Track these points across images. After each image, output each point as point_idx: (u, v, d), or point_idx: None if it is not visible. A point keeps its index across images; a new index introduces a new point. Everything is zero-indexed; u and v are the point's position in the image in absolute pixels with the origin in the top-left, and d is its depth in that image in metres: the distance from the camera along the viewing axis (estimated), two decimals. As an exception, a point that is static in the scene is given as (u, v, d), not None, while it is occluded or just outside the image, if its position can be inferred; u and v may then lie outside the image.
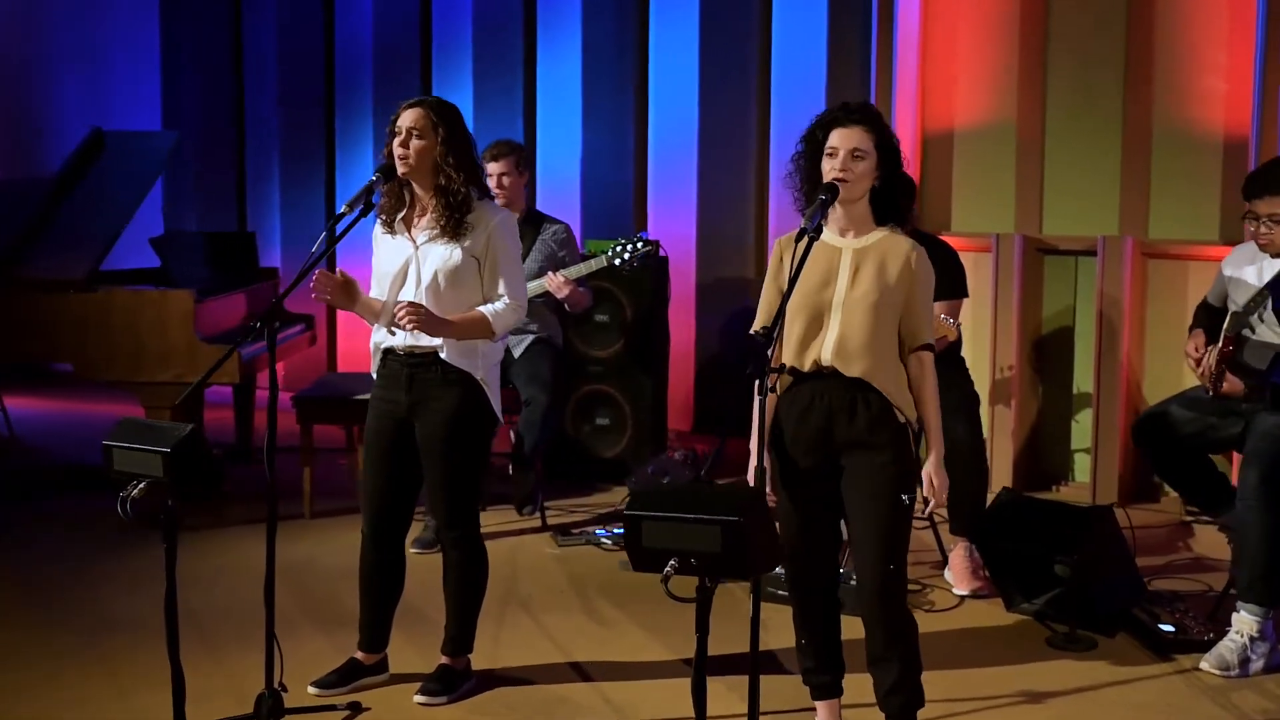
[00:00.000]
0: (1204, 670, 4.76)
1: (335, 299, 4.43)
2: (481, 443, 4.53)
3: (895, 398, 3.92)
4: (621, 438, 7.29)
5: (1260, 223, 4.97)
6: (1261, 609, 4.77)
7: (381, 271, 4.53)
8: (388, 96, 8.84)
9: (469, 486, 4.54)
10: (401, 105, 4.47)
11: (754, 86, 7.77)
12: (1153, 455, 5.30)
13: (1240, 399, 4.98)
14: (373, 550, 4.61)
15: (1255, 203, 4.97)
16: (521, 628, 5.21)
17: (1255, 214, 4.98)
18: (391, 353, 4.51)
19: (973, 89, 7.21)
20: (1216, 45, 6.74)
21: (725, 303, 7.94)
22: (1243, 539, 4.81)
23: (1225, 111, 6.75)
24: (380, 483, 4.54)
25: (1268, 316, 4.99)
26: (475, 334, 4.44)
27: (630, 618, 5.36)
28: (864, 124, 3.94)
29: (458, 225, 4.39)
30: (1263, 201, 4.95)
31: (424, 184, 4.44)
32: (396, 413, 4.50)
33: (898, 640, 3.94)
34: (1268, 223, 4.95)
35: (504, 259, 4.46)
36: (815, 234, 3.79)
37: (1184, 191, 6.85)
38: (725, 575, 3.23)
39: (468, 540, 4.57)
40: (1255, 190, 4.98)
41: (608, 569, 5.95)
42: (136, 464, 3.84)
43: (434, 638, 4.96)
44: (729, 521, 3.10)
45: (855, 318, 3.90)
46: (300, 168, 9.22)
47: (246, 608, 5.30)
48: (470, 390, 4.46)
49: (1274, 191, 4.94)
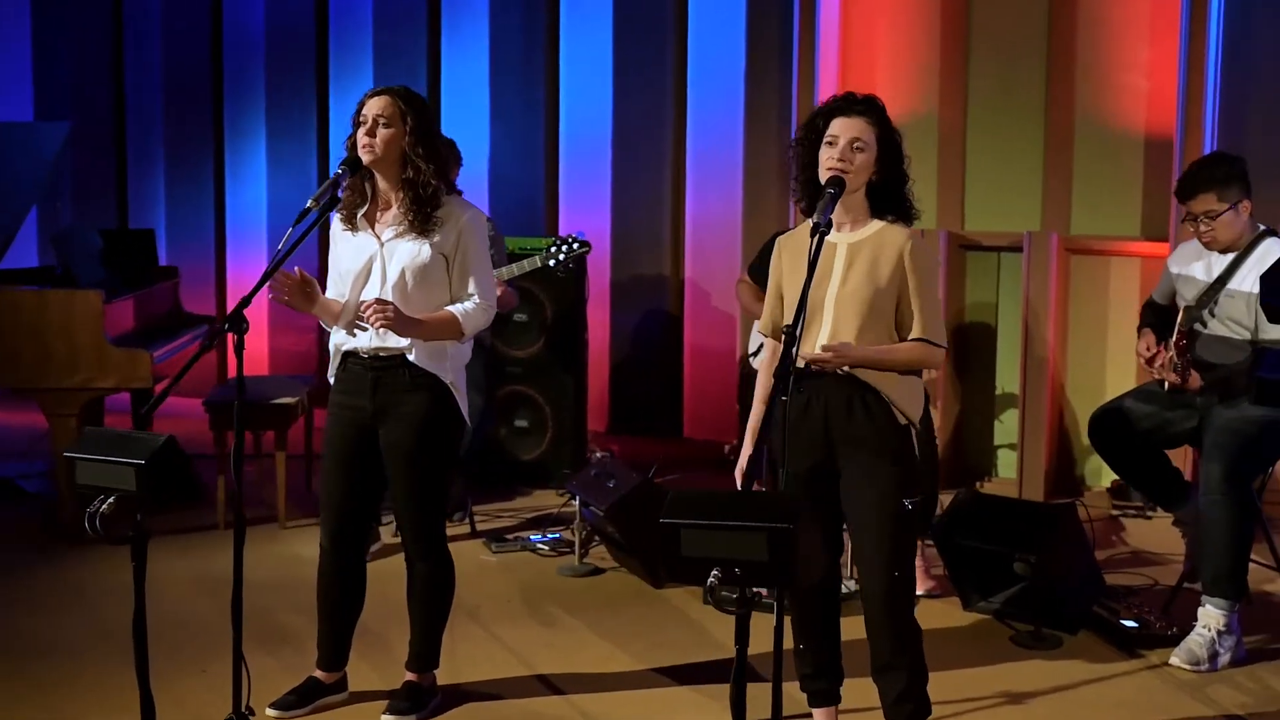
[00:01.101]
0: (1174, 666, 4.75)
1: (293, 300, 4.19)
2: (451, 449, 4.34)
3: (895, 398, 3.81)
4: (542, 440, 7.12)
5: (1199, 221, 5.00)
6: (1228, 603, 4.78)
7: (342, 270, 4.30)
8: (281, 85, 8.54)
9: (438, 495, 4.35)
10: (367, 93, 4.26)
11: (670, 82, 7.64)
12: (1108, 451, 5.29)
13: (1195, 393, 4.99)
14: (333, 563, 4.39)
15: (1190, 203, 5.02)
16: (476, 640, 5.02)
17: (1192, 214, 5.01)
18: (354, 355, 4.29)
19: (894, 83, 7.17)
20: (1138, 42, 6.79)
21: (640, 301, 7.81)
22: (1208, 534, 4.81)
23: (1147, 108, 6.80)
24: (342, 493, 4.32)
25: (1219, 311, 5.02)
26: (445, 335, 4.24)
27: (587, 626, 5.20)
28: (867, 115, 3.84)
29: (426, 220, 4.19)
30: (1196, 201, 5.00)
31: (389, 176, 4.23)
32: (359, 419, 4.28)
33: (905, 648, 3.84)
34: (1205, 220, 4.98)
35: (474, 257, 4.27)
36: (825, 229, 3.67)
37: (1106, 188, 6.89)
38: (772, 584, 3.08)
39: (435, 551, 4.38)
40: (1187, 192, 5.04)
41: (549, 575, 5.78)
42: (105, 477, 3.58)
43: (387, 653, 4.77)
44: (778, 529, 2.95)
45: (847, 314, 3.80)
46: (187, 160, 8.84)
47: (180, 625, 5.03)
48: (439, 394, 4.26)
49: (1203, 189, 4.98)
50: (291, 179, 8.58)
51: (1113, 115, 6.85)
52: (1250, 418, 4.86)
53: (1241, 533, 4.79)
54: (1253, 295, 4.92)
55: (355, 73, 8.32)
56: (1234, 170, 4.98)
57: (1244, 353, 4.94)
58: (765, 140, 7.39)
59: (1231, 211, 4.95)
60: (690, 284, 7.63)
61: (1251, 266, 4.96)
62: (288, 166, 8.57)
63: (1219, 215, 4.95)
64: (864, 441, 3.79)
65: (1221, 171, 4.97)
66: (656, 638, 5.07)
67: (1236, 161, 5.04)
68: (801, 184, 3.92)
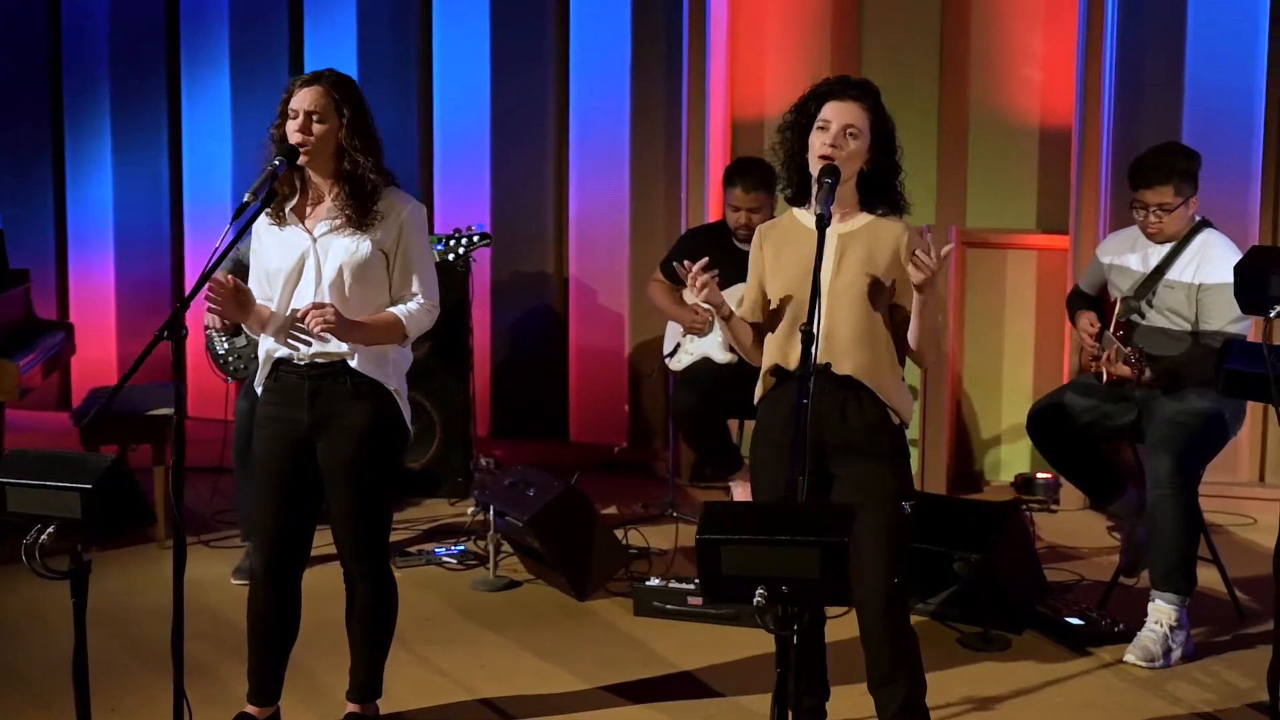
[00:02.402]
0: (1130, 663, 4.68)
1: (227, 309, 3.83)
2: (397, 461, 4.04)
3: (890, 398, 3.65)
4: (429, 446, 6.78)
5: (1150, 211, 4.94)
6: (1179, 597, 4.73)
7: (270, 269, 3.96)
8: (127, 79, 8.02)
9: (382, 512, 4.06)
10: (294, 82, 3.93)
11: (551, 71, 7.35)
12: (1047, 446, 5.20)
13: (1135, 385, 4.91)
14: (267, 590, 4.04)
15: (1143, 192, 4.95)
16: (404, 663, 4.70)
17: (1144, 203, 4.96)
18: (287, 363, 3.96)
19: (784, 75, 7.02)
20: (1033, 34, 6.75)
21: (522, 300, 7.50)
22: (1157, 528, 4.75)
23: (1042, 100, 6.77)
24: (277, 514, 3.98)
25: (1157, 302, 4.97)
26: (388, 339, 3.95)
27: (519, 644, 4.93)
28: (861, 100, 3.66)
29: (365, 215, 3.88)
30: (1151, 191, 4.94)
31: (323, 170, 3.93)
32: (295, 432, 3.94)
33: (905, 659, 3.67)
34: (1157, 211, 4.93)
35: (417, 253, 3.98)
36: (826, 220, 3.47)
37: (1001, 181, 6.84)
38: (825, 602, 2.88)
39: (379, 573, 4.08)
40: (1143, 179, 4.97)
41: (463, 591, 5.48)
42: (43, 504, 3.20)
43: (311, 682, 4.44)
44: (832, 542, 2.74)
45: (842, 309, 3.62)
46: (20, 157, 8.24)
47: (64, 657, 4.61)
48: (383, 402, 3.96)
49: (1163, 180, 4.92)
50: (139, 176, 8.07)
51: (1008, 108, 6.80)
52: (1194, 410, 4.82)
53: (1191, 525, 4.75)
54: (1193, 286, 4.89)
55: (210, 66, 7.86)
56: (1191, 165, 4.94)
57: (1184, 344, 4.90)
58: (652, 131, 7.17)
59: (1184, 206, 4.90)
60: (575, 281, 7.38)
61: (1191, 257, 4.93)
62: (135, 163, 8.06)
63: (1173, 209, 4.90)
64: (859, 445, 3.61)
65: (1181, 164, 4.92)
66: (596, 654, 4.83)
67: (1194, 156, 5.00)
68: (789, 171, 3.73)
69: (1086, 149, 6.47)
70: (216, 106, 7.88)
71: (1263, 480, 6.56)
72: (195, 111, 7.94)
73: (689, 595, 5.12)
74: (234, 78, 7.85)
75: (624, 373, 7.35)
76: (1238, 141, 6.39)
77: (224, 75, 7.86)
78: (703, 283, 3.62)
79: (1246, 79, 6.41)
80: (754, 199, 5.54)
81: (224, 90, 7.87)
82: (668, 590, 5.16)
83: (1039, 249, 6.80)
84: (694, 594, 5.11)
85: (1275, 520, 6.02)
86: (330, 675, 4.46)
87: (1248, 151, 6.40)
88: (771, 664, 4.47)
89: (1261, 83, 6.40)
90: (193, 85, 7.95)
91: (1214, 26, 6.43)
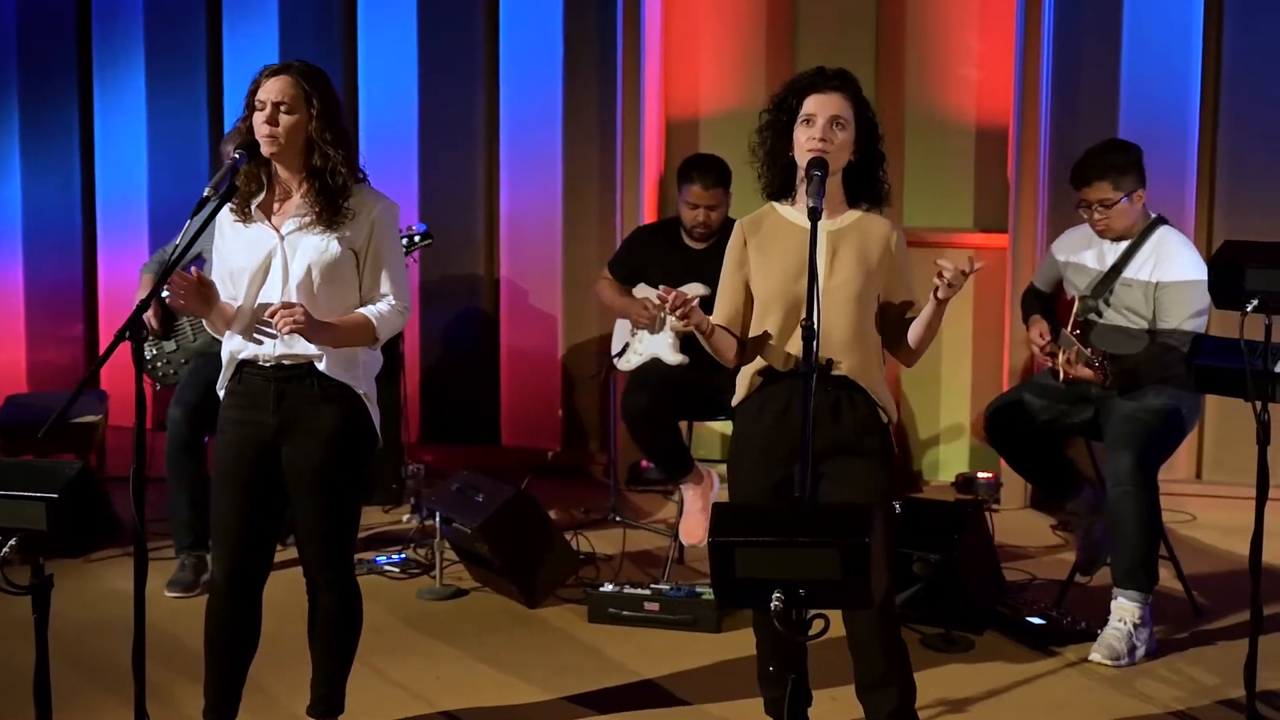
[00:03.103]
0: (1095, 662, 4.65)
1: (190, 304, 3.67)
2: (365, 467, 3.89)
3: (880, 396, 3.58)
4: (360, 453, 6.60)
5: (1093, 209, 4.93)
6: (1142, 595, 4.71)
7: (235, 267, 3.80)
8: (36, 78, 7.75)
9: (350, 520, 3.92)
10: (262, 73, 3.77)
11: (481, 69, 7.20)
12: (1004, 445, 5.17)
13: (1094, 384, 4.89)
14: (228, 601, 3.88)
15: (1085, 190, 4.96)
16: (359, 676, 4.47)
17: (1086, 201, 4.95)
18: (251, 365, 3.80)
19: (719, 76, 6.96)
20: (968, 33, 6.73)
21: (452, 302, 7.34)
22: (1119, 526, 4.73)
23: (979, 99, 6.75)
24: (239, 522, 3.82)
25: (1115, 300, 4.96)
26: (357, 340, 3.81)
27: (472, 654, 4.80)
28: (843, 91, 3.60)
29: (335, 212, 3.73)
30: (1091, 189, 4.94)
31: (291, 165, 3.77)
32: (260, 436, 3.79)
33: (897, 663, 3.61)
34: (1099, 209, 4.93)
35: (388, 253, 3.84)
36: (817, 215, 3.39)
37: (938, 180, 6.82)
38: (845, 605, 2.79)
39: (344, 583, 3.94)
40: (1083, 179, 4.97)
41: (409, 600, 5.33)
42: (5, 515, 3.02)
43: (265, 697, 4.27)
44: (853, 543, 2.65)
45: (837, 309, 3.54)
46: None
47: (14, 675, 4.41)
48: (351, 406, 3.82)
49: (1099, 177, 4.92)
50: (49, 178, 7.78)
51: (944, 107, 6.77)
52: (1153, 407, 4.81)
53: (1153, 523, 4.74)
54: (1150, 284, 4.88)
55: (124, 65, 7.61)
56: (1129, 158, 4.93)
57: (1141, 342, 4.90)
58: (586, 131, 7.05)
59: (1126, 200, 4.90)
60: (506, 283, 7.23)
61: (1148, 254, 4.92)
62: (45, 165, 7.78)
63: (1114, 204, 4.90)
64: (849, 445, 3.54)
65: (1118, 159, 4.92)
66: (553, 662, 4.70)
67: (1132, 149, 4.99)
68: (771, 168, 3.64)
69: (1025, 147, 6.47)
70: (131, 107, 7.62)
71: (1199, 477, 6.59)
72: (109, 112, 7.68)
73: (645, 601, 5.01)
74: (150, 78, 7.60)
75: (557, 376, 7.22)
76: (1174, 139, 6.42)
77: (139, 75, 7.60)
78: (682, 307, 3.48)
79: (1182, 76, 6.44)
80: (712, 195, 5.45)
81: (139, 90, 7.62)
82: (623, 596, 5.05)
83: (976, 248, 6.78)
84: (650, 599, 5.01)
85: (1215, 517, 6.16)
86: (287, 690, 4.31)
87: (1184, 149, 6.43)
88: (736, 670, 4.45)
89: (1196, 80, 6.44)
90: (106, 85, 7.69)
91: (1150, 24, 6.46)
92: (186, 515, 5.35)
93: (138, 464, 3.38)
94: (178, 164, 7.58)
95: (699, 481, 5.44)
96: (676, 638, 4.90)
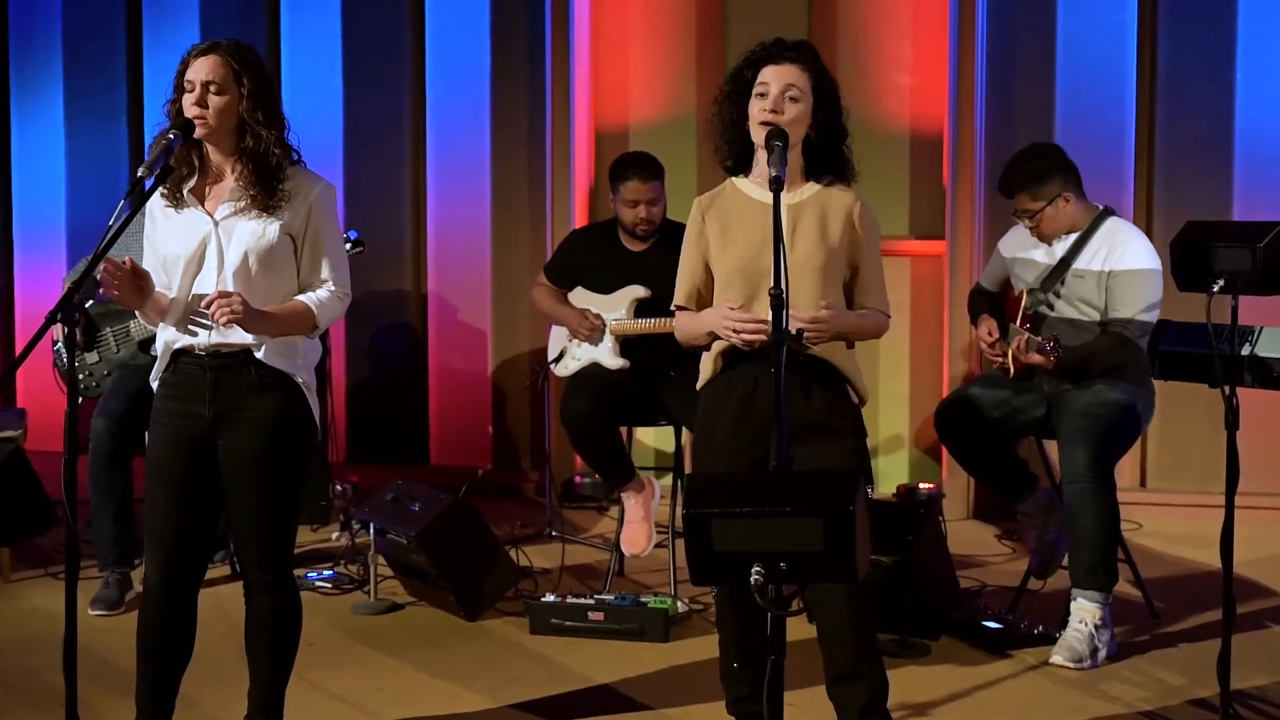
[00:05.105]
0: (1057, 664, 4.53)
1: (124, 294, 3.47)
2: (305, 460, 3.71)
3: (851, 374, 3.46)
4: (286, 471, 6.38)
5: (1023, 218, 4.90)
6: (1102, 595, 4.61)
7: (169, 255, 3.60)
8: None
9: (290, 516, 3.71)
10: (190, 52, 3.60)
11: (407, 78, 7.04)
12: (956, 443, 5.06)
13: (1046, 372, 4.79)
14: (162, 605, 3.66)
15: (1017, 198, 4.92)
16: (297, 689, 4.25)
17: (1016, 211, 4.91)
18: (187, 354, 3.60)
19: (649, 82, 6.87)
20: (900, 39, 6.69)
21: (378, 318, 7.15)
22: (1076, 524, 4.62)
23: (912, 105, 6.71)
24: (174, 520, 3.60)
25: (1066, 292, 4.88)
26: (297, 329, 3.64)
27: (414, 666, 4.61)
28: (799, 62, 3.49)
29: (271, 195, 3.56)
30: (1014, 200, 4.92)
31: (223, 147, 3.59)
32: (194, 429, 3.59)
33: (870, 654, 3.46)
34: (1026, 219, 4.91)
35: (327, 238, 3.67)
36: (779, 184, 3.26)
37: (872, 187, 6.60)
38: (828, 578, 2.64)
39: (283, 583, 3.73)
40: (1010, 189, 4.94)
41: (344, 615, 5.13)
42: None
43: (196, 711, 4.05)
44: (836, 513, 2.50)
45: (800, 285, 3.41)
46: None
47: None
48: (290, 396, 3.64)
49: (1018, 189, 4.89)
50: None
51: (877, 114, 6.70)
52: (1107, 401, 4.72)
53: (1111, 519, 4.64)
54: (1103, 273, 4.81)
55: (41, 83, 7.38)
56: (1044, 164, 4.87)
57: (1093, 334, 4.81)
58: (514, 140, 6.90)
59: (1051, 207, 4.84)
60: (434, 298, 7.05)
61: (1099, 244, 4.85)
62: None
63: (1037, 213, 4.84)
64: (821, 426, 3.41)
65: (1031, 168, 4.87)
66: (500, 673, 4.52)
67: (1048, 152, 4.95)
68: (728, 142, 3.51)
69: (960, 153, 6.43)
70: (49, 125, 7.42)
71: (1144, 485, 6.53)
72: (26, 131, 7.48)
73: (589, 610, 4.84)
74: (68, 96, 7.41)
75: (487, 392, 7.06)
76: (1110, 140, 6.41)
77: (57, 92, 7.41)
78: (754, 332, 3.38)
79: (1117, 78, 6.43)
80: (651, 189, 5.31)
81: (57, 108, 7.41)
82: (566, 606, 4.88)
83: (912, 255, 6.73)
84: (595, 609, 4.84)
85: (1161, 525, 6.10)
86: (218, 703, 4.09)
87: (1120, 150, 6.43)
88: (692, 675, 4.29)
89: (1131, 81, 6.43)
90: (23, 104, 7.48)
91: (1083, 27, 6.45)
92: (110, 530, 5.10)
93: (69, 444, 3.19)
94: (97, 178, 7.36)
95: (640, 489, 5.29)
96: (625, 647, 4.73)
